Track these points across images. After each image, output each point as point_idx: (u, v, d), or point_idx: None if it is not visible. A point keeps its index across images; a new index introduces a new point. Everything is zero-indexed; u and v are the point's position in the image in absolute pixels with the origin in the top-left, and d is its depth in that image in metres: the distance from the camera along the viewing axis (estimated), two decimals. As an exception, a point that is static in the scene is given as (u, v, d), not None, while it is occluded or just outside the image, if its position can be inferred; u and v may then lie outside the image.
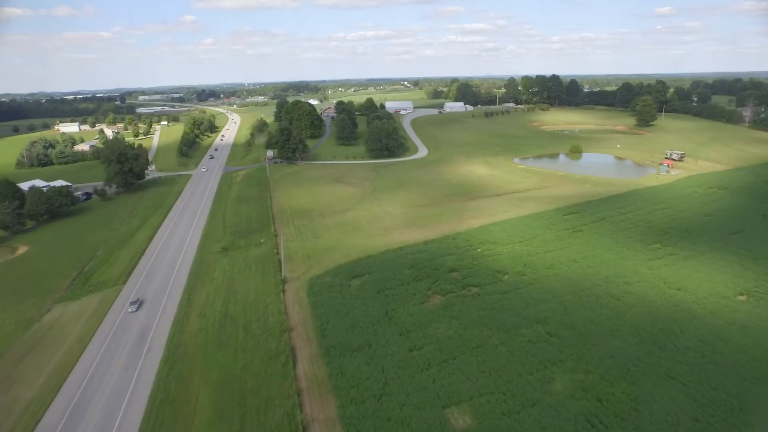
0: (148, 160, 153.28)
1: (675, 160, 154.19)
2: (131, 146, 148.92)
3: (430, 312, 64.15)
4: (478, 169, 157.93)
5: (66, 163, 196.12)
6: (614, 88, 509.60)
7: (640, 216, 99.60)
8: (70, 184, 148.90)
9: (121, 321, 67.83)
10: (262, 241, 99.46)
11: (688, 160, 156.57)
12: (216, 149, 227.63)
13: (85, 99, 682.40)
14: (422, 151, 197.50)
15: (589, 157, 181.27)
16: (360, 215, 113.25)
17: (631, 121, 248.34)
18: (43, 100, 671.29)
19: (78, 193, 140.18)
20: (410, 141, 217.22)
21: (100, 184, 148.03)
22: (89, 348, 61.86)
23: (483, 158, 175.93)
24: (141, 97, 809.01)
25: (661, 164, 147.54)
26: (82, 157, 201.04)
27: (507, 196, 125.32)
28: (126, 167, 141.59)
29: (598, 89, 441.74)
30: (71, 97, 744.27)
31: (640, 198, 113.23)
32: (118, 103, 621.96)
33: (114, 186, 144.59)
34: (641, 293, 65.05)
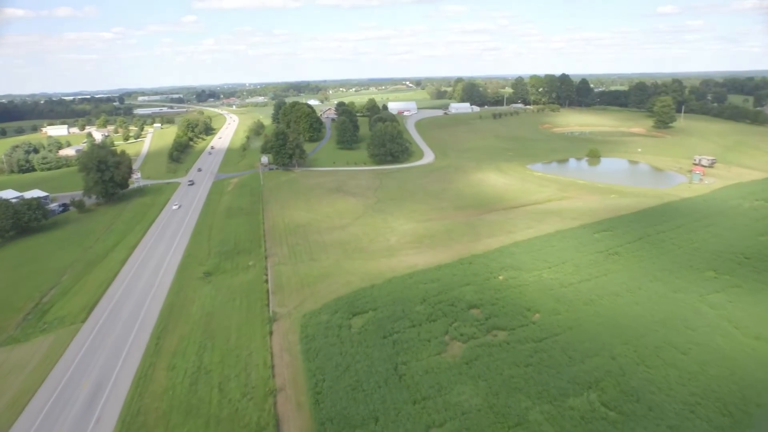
0: (131, 167, 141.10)
1: (705, 167, 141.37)
2: (114, 152, 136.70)
3: (449, 368, 51.72)
4: (490, 177, 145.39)
5: (49, 169, 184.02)
6: (620, 87, 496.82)
7: (682, 235, 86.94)
8: (46, 194, 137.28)
9: (70, 375, 55.60)
10: (250, 263, 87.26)
11: (719, 166, 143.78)
12: (209, 153, 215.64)
13: (83, 100, 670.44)
14: (428, 156, 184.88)
15: (608, 163, 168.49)
16: (362, 231, 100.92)
17: (648, 122, 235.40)
18: (42, 102, 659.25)
19: (53, 205, 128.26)
20: (415, 145, 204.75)
21: (80, 193, 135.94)
22: (25, 413, 49.66)
23: (495, 164, 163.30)
24: (140, 98, 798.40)
25: (692, 171, 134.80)
26: (66, 162, 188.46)
27: (525, 208, 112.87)
28: (107, 176, 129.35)
29: (602, 88, 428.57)
30: (70, 98, 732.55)
31: (677, 212, 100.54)
32: (116, 104, 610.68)
33: (94, 197, 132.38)
34: (712, 344, 52.47)
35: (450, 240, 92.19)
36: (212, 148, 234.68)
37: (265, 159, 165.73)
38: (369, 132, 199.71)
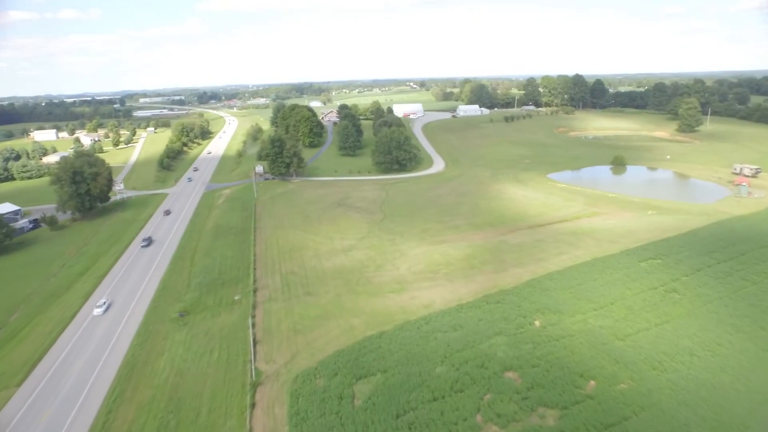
0: (111, 178, 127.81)
1: (749, 177, 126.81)
2: (92, 162, 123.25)
3: (488, 474, 38.05)
4: (508, 189, 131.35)
5: (29, 178, 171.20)
6: (629, 87, 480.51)
7: (751, 266, 72.78)
8: (18, 208, 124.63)
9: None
10: (236, 298, 73.98)
11: (764, 176, 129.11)
12: (203, 161, 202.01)
13: (83, 102, 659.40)
14: (438, 164, 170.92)
15: (635, 172, 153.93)
16: (366, 256, 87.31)
17: (671, 126, 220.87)
18: (44, 104, 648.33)
19: (23, 221, 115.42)
20: (423, 151, 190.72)
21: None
22: None
23: (512, 173, 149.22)
24: (141, 100, 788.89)
25: (735, 183, 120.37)
26: (48, 171, 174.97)
27: (552, 227, 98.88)
28: (82, 189, 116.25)
29: (612, 89, 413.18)
30: (71, 100, 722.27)
31: (735, 235, 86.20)
32: (117, 106, 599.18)
33: (69, 211, 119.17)
34: None
35: (470, 269, 78.59)
36: (195, 169, 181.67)
37: (260, 168, 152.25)
38: (373, 137, 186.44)
